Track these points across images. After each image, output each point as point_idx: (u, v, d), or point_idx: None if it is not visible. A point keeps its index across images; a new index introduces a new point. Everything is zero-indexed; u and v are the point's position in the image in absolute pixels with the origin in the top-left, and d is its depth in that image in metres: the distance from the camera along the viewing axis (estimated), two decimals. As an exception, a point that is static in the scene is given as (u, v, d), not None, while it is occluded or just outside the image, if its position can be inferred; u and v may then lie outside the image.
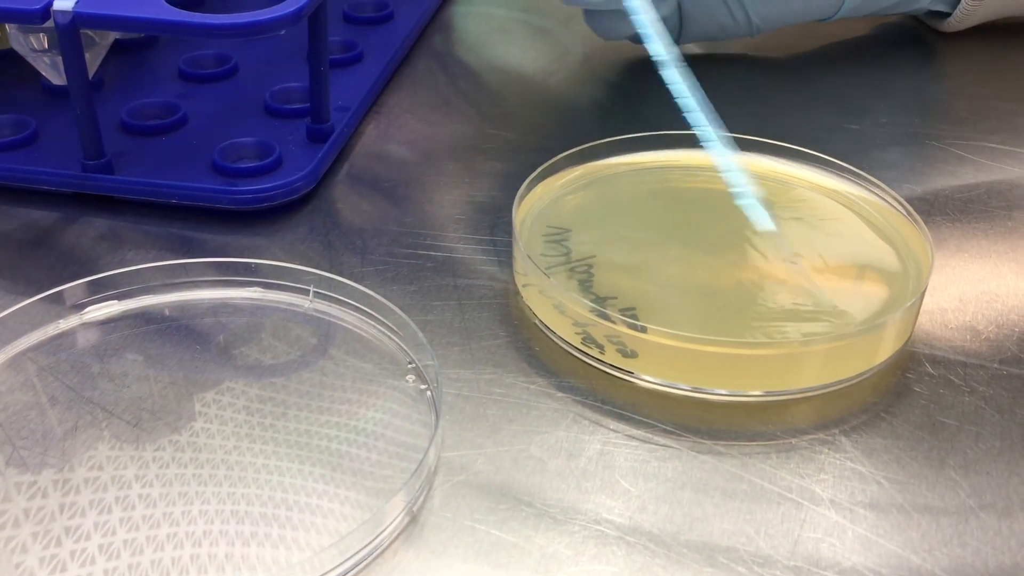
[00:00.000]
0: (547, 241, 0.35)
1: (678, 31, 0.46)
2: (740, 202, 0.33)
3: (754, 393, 0.30)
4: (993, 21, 0.50)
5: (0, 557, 0.25)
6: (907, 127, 0.44)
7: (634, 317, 0.31)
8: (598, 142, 0.38)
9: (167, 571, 0.25)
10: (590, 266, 0.34)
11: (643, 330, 0.30)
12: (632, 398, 0.30)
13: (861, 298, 0.33)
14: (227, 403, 0.30)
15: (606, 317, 0.30)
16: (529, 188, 0.36)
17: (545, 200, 0.36)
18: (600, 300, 0.32)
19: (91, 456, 0.28)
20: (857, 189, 0.37)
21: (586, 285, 0.33)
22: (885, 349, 0.31)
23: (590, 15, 0.46)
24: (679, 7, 0.45)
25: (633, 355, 0.30)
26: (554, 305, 0.32)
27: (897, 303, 0.32)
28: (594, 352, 0.31)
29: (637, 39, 0.46)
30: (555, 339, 0.32)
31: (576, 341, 0.32)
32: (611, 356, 0.31)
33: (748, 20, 0.46)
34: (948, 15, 0.49)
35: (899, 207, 0.35)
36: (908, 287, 0.33)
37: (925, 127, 0.40)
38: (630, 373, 0.31)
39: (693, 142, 0.38)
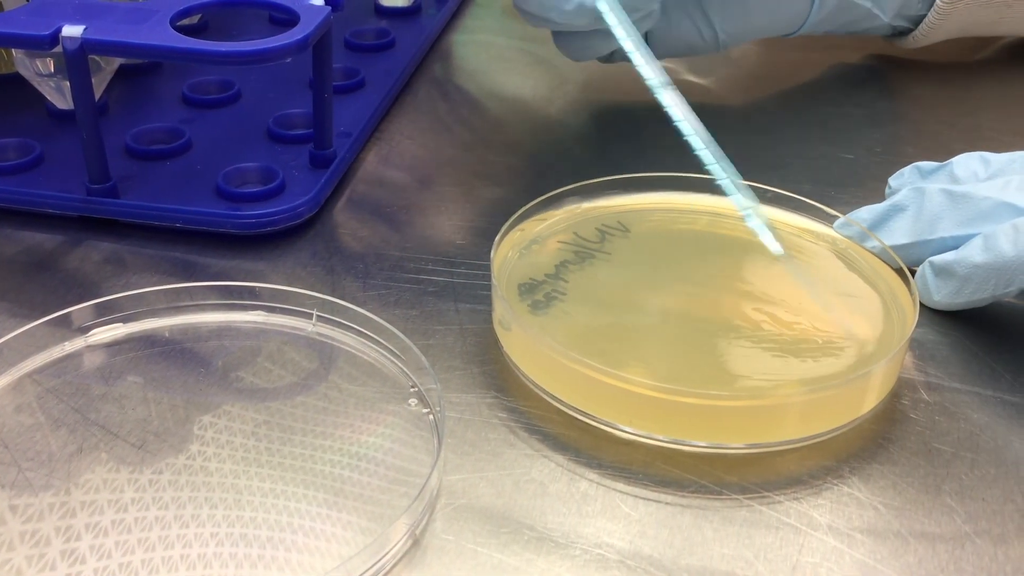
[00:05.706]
0: (524, 285, 0.34)
1: None
2: (748, 224, 0.33)
3: (736, 446, 0.30)
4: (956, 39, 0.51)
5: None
6: (901, 156, 0.44)
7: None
8: (569, 186, 0.37)
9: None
10: (565, 312, 0.33)
11: None
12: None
13: (846, 347, 0.32)
14: (229, 426, 0.30)
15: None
16: (504, 235, 0.35)
17: (522, 245, 0.36)
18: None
19: (94, 478, 0.28)
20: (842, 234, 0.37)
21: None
22: (869, 400, 0.31)
23: (559, 36, 0.44)
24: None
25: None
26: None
27: (881, 352, 0.32)
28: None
29: (607, 59, 0.46)
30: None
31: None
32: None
33: (715, 37, 0.46)
34: (910, 32, 0.50)
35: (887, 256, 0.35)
36: (893, 335, 0.33)
37: (917, 156, 0.41)
38: (607, 423, 0.30)
39: (674, 185, 0.38)
